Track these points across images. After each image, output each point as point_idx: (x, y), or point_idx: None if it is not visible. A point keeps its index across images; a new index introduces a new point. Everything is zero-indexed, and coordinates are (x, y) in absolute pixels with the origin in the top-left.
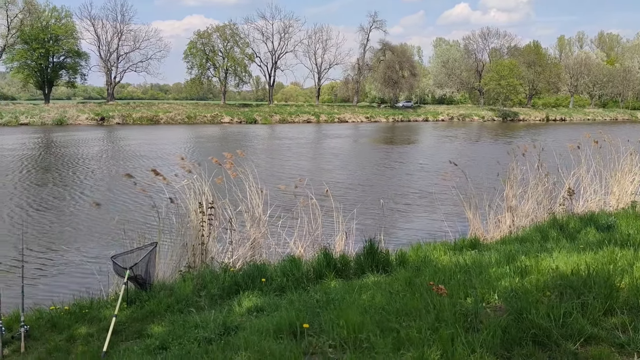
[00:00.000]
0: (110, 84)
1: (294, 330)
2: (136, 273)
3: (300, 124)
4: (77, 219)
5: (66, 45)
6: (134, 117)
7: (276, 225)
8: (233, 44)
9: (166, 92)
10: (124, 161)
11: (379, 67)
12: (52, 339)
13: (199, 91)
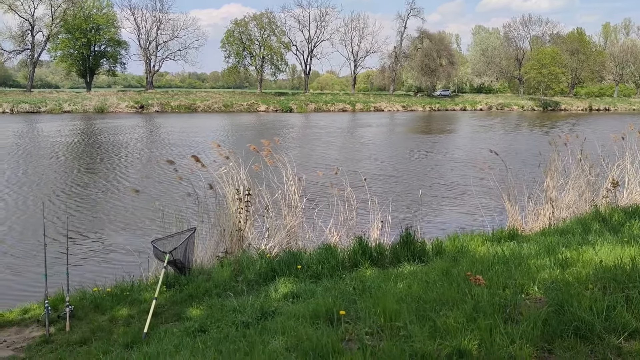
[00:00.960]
0: (150, 73)
1: (330, 316)
2: (175, 257)
3: (335, 113)
4: (118, 205)
5: (107, 34)
6: (172, 105)
7: (312, 213)
8: (270, 33)
9: (203, 81)
10: (163, 148)
11: (416, 56)
12: (95, 319)
13: (235, 80)
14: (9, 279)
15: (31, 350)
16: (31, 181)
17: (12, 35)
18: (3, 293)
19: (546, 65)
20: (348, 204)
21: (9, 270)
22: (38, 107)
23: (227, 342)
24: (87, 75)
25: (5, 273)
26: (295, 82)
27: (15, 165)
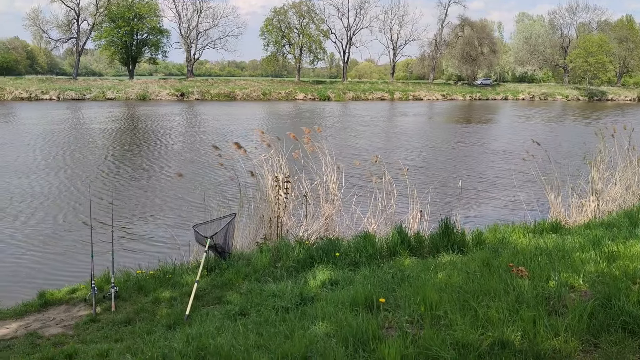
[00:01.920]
0: (190, 61)
1: (369, 304)
2: (216, 242)
3: (373, 101)
4: (160, 189)
5: (149, 22)
6: (212, 93)
7: (350, 201)
8: (308, 21)
9: (242, 69)
10: (204, 135)
11: (456, 44)
12: (138, 301)
13: (274, 68)
14: (58, 260)
15: (79, 328)
16: (78, 165)
17: (58, 24)
18: (52, 273)
19: (593, 53)
20: (386, 193)
21: (58, 251)
22: (83, 94)
23: (267, 326)
24: (129, 63)
25: (54, 254)
26: (333, 70)
27: (62, 150)
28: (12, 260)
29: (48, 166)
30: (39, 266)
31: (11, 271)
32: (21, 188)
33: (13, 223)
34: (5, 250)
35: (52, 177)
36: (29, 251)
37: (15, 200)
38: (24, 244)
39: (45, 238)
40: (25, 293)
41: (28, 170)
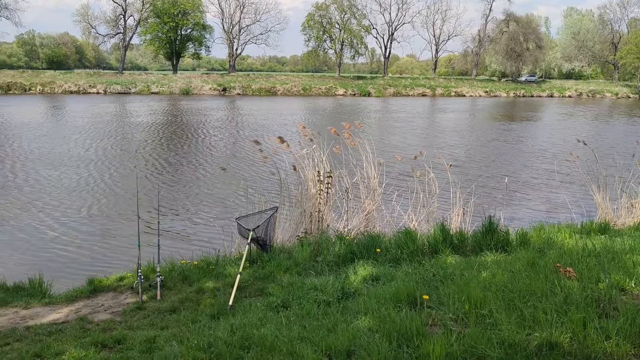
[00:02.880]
0: (232, 56)
1: (411, 300)
2: (258, 235)
3: (414, 97)
4: (204, 182)
5: (193, 18)
6: (253, 88)
7: (391, 197)
8: (350, 16)
9: (283, 64)
10: (246, 129)
11: (501, 39)
12: (183, 290)
13: (315, 63)
14: (106, 248)
15: (126, 315)
16: (124, 158)
17: (106, 19)
18: (101, 260)
19: None
20: (428, 190)
21: (105, 240)
22: (128, 88)
23: (309, 319)
24: (173, 58)
25: (103, 242)
26: (374, 65)
27: (109, 142)
28: (61, 248)
29: (95, 158)
30: (87, 254)
31: (61, 259)
32: (70, 179)
33: (65, 212)
34: (56, 239)
35: (99, 169)
36: (78, 240)
37: (65, 190)
38: (73, 233)
39: (93, 227)
40: (75, 280)
41: (78, 162)
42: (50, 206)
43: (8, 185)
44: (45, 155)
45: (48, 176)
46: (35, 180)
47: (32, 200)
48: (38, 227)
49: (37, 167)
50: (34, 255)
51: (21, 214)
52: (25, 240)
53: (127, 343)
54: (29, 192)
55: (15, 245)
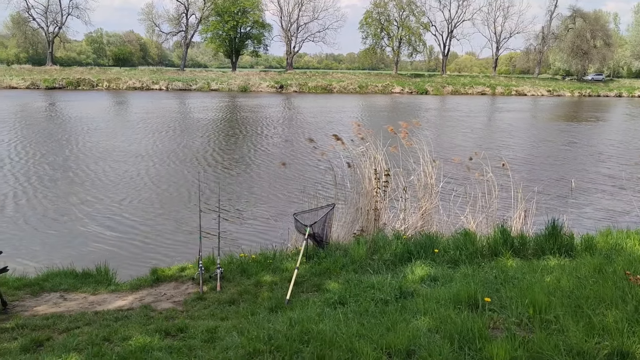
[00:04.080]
0: (290, 54)
1: (472, 302)
2: (315, 231)
3: (473, 96)
4: (262, 177)
5: (252, 16)
6: (310, 86)
7: (447, 197)
8: (409, 13)
9: (340, 62)
10: (302, 126)
11: (566, 36)
12: (242, 283)
13: (372, 61)
14: (168, 239)
15: (187, 304)
16: (185, 152)
17: (169, 18)
18: (163, 251)
19: None
20: (488, 191)
21: (168, 232)
22: (189, 85)
23: (367, 316)
24: (232, 56)
25: (165, 234)
26: (432, 63)
27: (172, 137)
28: (126, 238)
29: (158, 152)
30: (150, 245)
31: (126, 249)
32: (135, 173)
33: (128, 205)
34: (121, 230)
35: (162, 163)
36: (142, 231)
37: (129, 183)
38: (137, 224)
39: (156, 220)
40: (139, 269)
41: (141, 156)
42: (116, 199)
43: (76, 178)
44: (110, 149)
45: (114, 170)
46: (102, 174)
47: (98, 193)
48: (104, 218)
49: (101, 162)
50: (101, 245)
51: (87, 205)
52: (93, 231)
53: (189, 332)
54: (96, 186)
55: (83, 235)
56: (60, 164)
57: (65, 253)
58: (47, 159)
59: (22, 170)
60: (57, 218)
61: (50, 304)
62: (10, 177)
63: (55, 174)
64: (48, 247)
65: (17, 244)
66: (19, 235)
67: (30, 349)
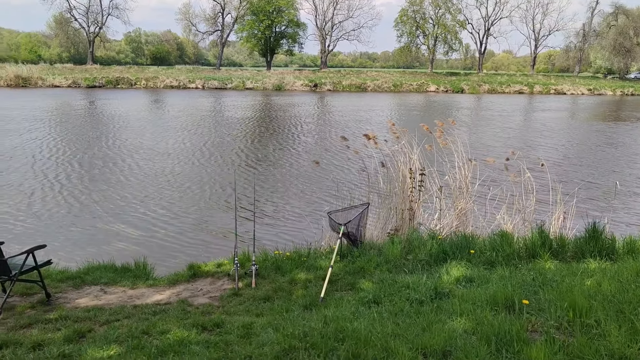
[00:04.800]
0: (324, 52)
1: (509, 304)
2: (349, 230)
3: (510, 95)
4: (296, 176)
5: (287, 15)
6: (344, 84)
7: (483, 197)
8: (445, 11)
9: (374, 60)
10: (336, 125)
11: (608, 34)
12: (276, 280)
13: (406, 59)
14: (204, 236)
15: (223, 300)
16: (219, 150)
17: (205, 17)
18: (199, 247)
19: None
20: (525, 191)
21: (204, 228)
22: (225, 83)
23: (402, 316)
24: (267, 55)
25: (201, 231)
26: (467, 62)
27: (208, 135)
28: (163, 233)
29: (194, 150)
30: (186, 241)
31: (163, 244)
32: (170, 170)
33: (165, 201)
34: (158, 226)
35: (198, 160)
36: (178, 227)
37: (165, 180)
38: (173, 221)
39: (193, 216)
40: (175, 265)
41: (177, 154)
42: (152, 195)
43: (113, 176)
44: (147, 147)
45: (150, 167)
46: (138, 171)
47: (136, 190)
48: (142, 214)
49: (138, 159)
50: (139, 240)
51: (126, 202)
52: (131, 226)
53: (225, 327)
54: (132, 183)
55: (122, 231)
56: (99, 161)
57: (102, 248)
58: (87, 155)
59: (62, 166)
60: (95, 213)
61: (91, 297)
62: (49, 172)
63: (92, 170)
64: (85, 241)
65: (58, 238)
66: (58, 230)
67: (73, 339)
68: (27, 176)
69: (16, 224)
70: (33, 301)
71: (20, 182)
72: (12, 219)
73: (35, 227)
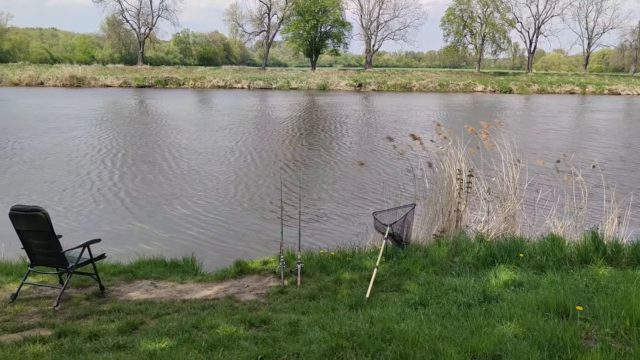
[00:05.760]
0: (369, 52)
1: (561, 310)
2: (395, 230)
3: (561, 95)
4: (341, 176)
5: (333, 15)
6: (388, 84)
7: (532, 200)
8: (493, 9)
9: (419, 60)
10: (381, 125)
11: None
12: (321, 279)
13: (453, 59)
14: (250, 233)
15: (269, 297)
16: (266, 150)
17: (252, 18)
18: (245, 244)
19: None
20: (576, 194)
21: (250, 226)
22: (270, 83)
23: (450, 319)
24: (312, 55)
25: (247, 228)
26: (516, 61)
27: (254, 134)
28: (210, 230)
29: (240, 148)
30: (233, 238)
31: (210, 241)
32: (217, 168)
33: (213, 199)
34: (205, 223)
35: (244, 159)
36: (225, 224)
37: (213, 179)
38: (220, 218)
39: (239, 214)
40: (222, 261)
41: (223, 152)
42: (200, 193)
43: (160, 174)
44: (190, 146)
45: (197, 166)
46: (186, 169)
47: (184, 188)
48: (189, 211)
49: (186, 157)
50: (187, 237)
51: (174, 199)
52: (179, 223)
53: (272, 324)
54: (180, 181)
55: (170, 227)
56: (157, 158)
57: (151, 244)
58: (136, 152)
59: (116, 163)
60: (143, 209)
61: (142, 291)
62: (103, 169)
63: (149, 167)
64: (135, 237)
65: (109, 233)
66: (101, 224)
67: (127, 331)
68: (75, 172)
69: (60, 218)
70: (88, 293)
71: (74, 178)
72: (59, 215)
73: (80, 222)
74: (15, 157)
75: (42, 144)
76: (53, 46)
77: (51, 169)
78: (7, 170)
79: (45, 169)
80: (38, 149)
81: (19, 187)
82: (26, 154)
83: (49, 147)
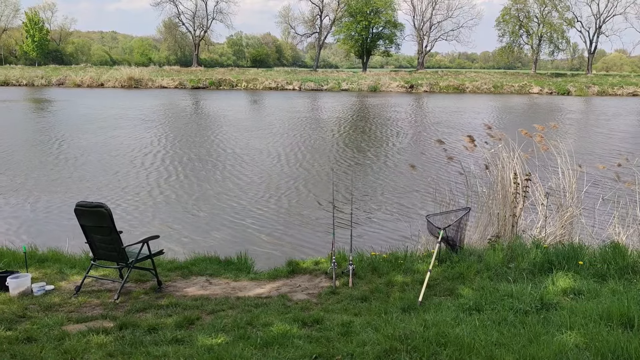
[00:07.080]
0: (421, 53)
1: (624, 321)
2: (448, 234)
3: (623, 97)
4: (392, 178)
5: (385, 16)
6: (441, 86)
7: (592, 205)
8: (551, 8)
9: (473, 61)
10: (433, 127)
11: None
12: (373, 281)
13: (508, 59)
14: (303, 233)
15: (321, 297)
16: (319, 150)
17: (304, 20)
18: (297, 244)
19: None
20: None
21: (303, 226)
22: (321, 85)
23: (506, 325)
24: (363, 56)
25: (300, 228)
26: (575, 62)
27: (306, 135)
28: (263, 229)
29: (290, 148)
30: (285, 238)
31: (263, 240)
32: (270, 168)
33: (266, 198)
34: (258, 222)
35: (297, 159)
36: (277, 224)
37: (266, 178)
38: (273, 217)
39: (291, 214)
40: (275, 260)
41: (275, 152)
42: (252, 193)
43: (213, 174)
44: (243, 145)
45: (250, 164)
46: (239, 168)
47: (238, 187)
48: (243, 211)
49: (239, 157)
50: (240, 235)
51: (230, 198)
52: (232, 222)
53: (324, 324)
54: (234, 180)
55: (224, 226)
56: (212, 158)
57: (205, 242)
58: (194, 151)
59: (170, 162)
60: (197, 207)
61: (198, 287)
62: (153, 169)
63: (199, 165)
64: (192, 234)
65: (168, 231)
66: (156, 221)
67: (184, 325)
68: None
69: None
70: (146, 288)
71: (128, 178)
72: (120, 210)
73: (139, 219)
74: (83, 156)
75: (96, 141)
76: (113, 49)
77: (116, 166)
78: (76, 167)
79: (113, 165)
80: (93, 146)
81: (84, 183)
82: (92, 153)
83: (106, 144)
